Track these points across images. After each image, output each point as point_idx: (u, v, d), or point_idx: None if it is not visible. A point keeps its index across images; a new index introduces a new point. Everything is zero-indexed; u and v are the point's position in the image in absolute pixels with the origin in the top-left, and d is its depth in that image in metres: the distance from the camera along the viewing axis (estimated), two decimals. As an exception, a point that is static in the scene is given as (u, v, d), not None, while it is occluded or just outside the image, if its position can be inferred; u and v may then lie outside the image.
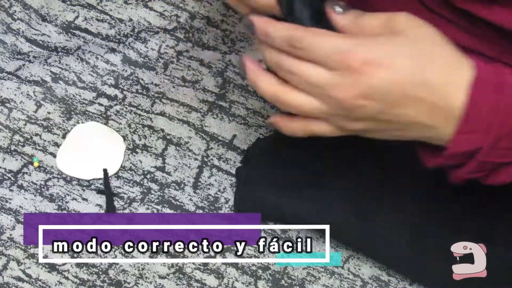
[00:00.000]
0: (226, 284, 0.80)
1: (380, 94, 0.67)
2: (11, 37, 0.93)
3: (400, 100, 0.68)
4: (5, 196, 0.84)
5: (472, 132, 0.68)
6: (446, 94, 0.68)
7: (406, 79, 0.67)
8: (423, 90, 0.68)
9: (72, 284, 0.80)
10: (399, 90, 0.67)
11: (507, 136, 0.68)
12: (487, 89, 0.69)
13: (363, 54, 0.66)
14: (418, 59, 0.68)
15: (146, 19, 0.95)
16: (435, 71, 0.68)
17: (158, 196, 0.84)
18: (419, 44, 0.69)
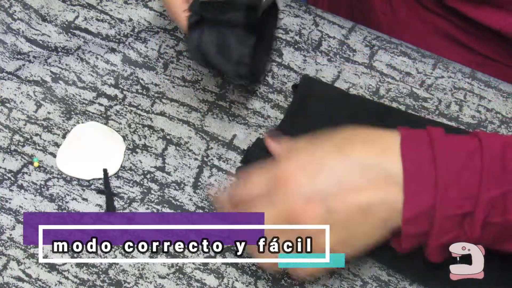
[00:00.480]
0: (226, 284, 0.80)
1: (319, 193, 0.68)
2: (11, 37, 0.93)
3: (339, 189, 0.68)
4: (5, 196, 0.84)
5: (418, 192, 0.67)
6: (379, 165, 0.68)
7: (331, 169, 0.68)
8: (354, 171, 0.68)
9: (72, 284, 0.80)
10: (331, 181, 0.68)
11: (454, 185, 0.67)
12: (418, 145, 0.68)
13: (288, 164, 0.69)
14: (337, 147, 0.69)
15: (146, 19, 0.95)
16: (358, 150, 0.69)
17: (158, 196, 0.84)
18: (339, 136, 0.71)
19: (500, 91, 0.90)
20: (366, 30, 0.94)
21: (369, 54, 0.92)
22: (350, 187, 0.68)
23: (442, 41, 0.99)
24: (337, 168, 0.68)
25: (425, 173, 0.67)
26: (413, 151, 0.68)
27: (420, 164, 0.67)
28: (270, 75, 0.91)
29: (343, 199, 0.68)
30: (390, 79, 0.90)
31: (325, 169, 0.69)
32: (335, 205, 0.68)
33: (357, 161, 0.68)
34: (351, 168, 0.68)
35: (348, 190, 0.68)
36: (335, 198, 0.68)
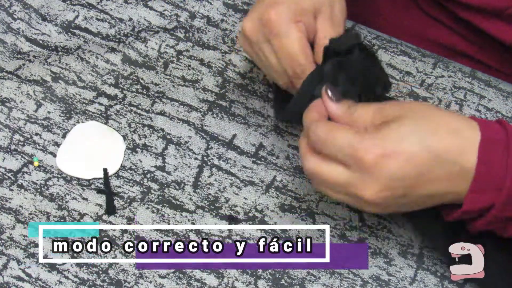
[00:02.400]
0: (226, 284, 0.80)
1: (398, 182, 0.70)
2: (11, 37, 0.93)
3: (417, 180, 0.70)
4: (5, 195, 0.84)
5: (483, 190, 0.70)
6: (456, 160, 0.70)
7: (416, 161, 0.70)
8: (435, 164, 0.70)
9: (72, 283, 0.80)
10: (413, 173, 0.70)
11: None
12: (495, 149, 0.70)
13: (372, 150, 0.69)
14: (421, 137, 0.70)
15: (146, 18, 0.95)
16: (441, 142, 0.71)
17: (158, 196, 0.84)
18: (417, 122, 0.71)
19: (500, 90, 0.90)
20: (366, 29, 0.94)
21: (369, 54, 0.92)
22: (427, 178, 0.71)
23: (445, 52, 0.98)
24: (418, 160, 0.70)
25: (494, 177, 0.70)
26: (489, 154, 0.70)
27: (492, 168, 0.70)
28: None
29: (418, 188, 0.71)
30: (390, 78, 0.90)
31: (410, 163, 0.70)
32: (409, 192, 0.71)
33: (440, 157, 0.70)
34: (433, 162, 0.70)
35: (426, 181, 0.71)
36: (411, 188, 0.71)
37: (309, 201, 0.84)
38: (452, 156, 0.70)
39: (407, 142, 0.70)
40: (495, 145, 0.71)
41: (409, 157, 0.70)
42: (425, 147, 0.70)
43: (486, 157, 0.70)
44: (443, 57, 0.92)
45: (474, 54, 0.98)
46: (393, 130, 0.71)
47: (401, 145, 0.70)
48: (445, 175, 0.71)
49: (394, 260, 0.81)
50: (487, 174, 0.70)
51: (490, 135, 0.71)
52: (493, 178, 0.70)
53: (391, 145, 0.70)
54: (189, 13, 0.95)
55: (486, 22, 0.92)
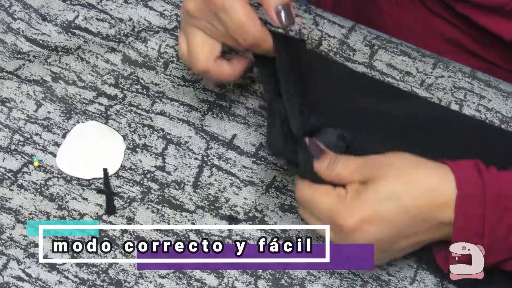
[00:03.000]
0: (226, 283, 0.80)
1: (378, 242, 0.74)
2: (11, 37, 0.93)
3: (397, 238, 0.74)
4: (5, 195, 0.84)
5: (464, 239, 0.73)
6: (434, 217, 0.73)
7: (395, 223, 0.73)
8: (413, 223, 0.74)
9: (72, 283, 0.80)
10: (393, 233, 0.74)
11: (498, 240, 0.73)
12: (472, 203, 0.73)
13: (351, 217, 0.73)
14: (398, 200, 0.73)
15: (146, 18, 0.95)
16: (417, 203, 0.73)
17: (158, 196, 0.84)
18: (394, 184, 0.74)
19: (500, 90, 0.90)
20: (366, 29, 0.94)
21: (369, 54, 0.92)
22: (407, 234, 0.74)
23: (447, 46, 0.98)
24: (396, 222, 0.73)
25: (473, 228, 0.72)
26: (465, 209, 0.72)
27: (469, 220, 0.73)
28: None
29: (398, 243, 0.75)
30: (390, 78, 0.90)
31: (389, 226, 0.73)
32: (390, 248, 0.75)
33: (415, 215, 0.73)
34: (409, 221, 0.73)
35: (405, 237, 0.74)
36: (391, 245, 0.75)
37: (309, 201, 0.84)
38: (429, 214, 0.73)
39: (384, 207, 0.73)
40: (471, 200, 0.72)
41: (388, 220, 0.73)
42: (402, 208, 0.73)
43: (463, 212, 0.72)
44: (443, 56, 0.92)
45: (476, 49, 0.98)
46: (370, 194, 0.73)
47: (379, 210, 0.73)
48: (425, 229, 0.74)
49: (394, 260, 0.81)
50: (466, 227, 0.73)
51: (466, 190, 0.73)
52: (472, 230, 0.73)
53: (369, 210, 0.73)
54: (189, 13, 0.95)
55: (486, 18, 0.92)
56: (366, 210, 0.73)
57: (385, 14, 1.02)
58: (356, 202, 0.73)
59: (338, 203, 0.74)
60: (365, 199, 0.73)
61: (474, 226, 0.72)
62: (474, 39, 0.97)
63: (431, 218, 0.73)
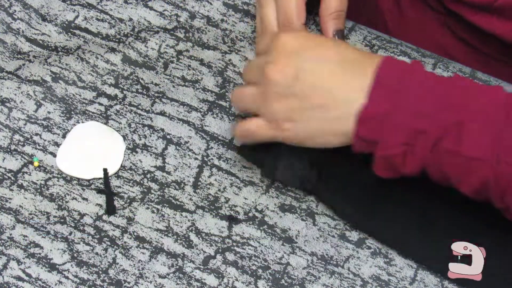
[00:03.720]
0: (226, 283, 0.80)
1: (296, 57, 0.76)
2: (11, 37, 0.93)
3: (314, 54, 0.76)
4: (5, 195, 0.84)
5: (380, 96, 0.72)
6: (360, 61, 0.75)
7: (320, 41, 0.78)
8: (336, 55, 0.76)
9: (72, 284, 0.80)
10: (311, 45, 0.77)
11: (413, 98, 0.72)
12: (397, 64, 0.74)
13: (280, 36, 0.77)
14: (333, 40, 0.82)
15: (146, 18, 0.95)
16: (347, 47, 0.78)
17: (158, 196, 0.84)
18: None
19: (500, 90, 0.90)
20: (366, 29, 0.94)
21: (369, 54, 0.92)
22: (324, 70, 0.75)
23: (449, 40, 0.99)
24: (322, 42, 0.78)
25: (392, 83, 0.73)
26: (392, 63, 0.74)
27: (392, 76, 0.73)
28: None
29: (312, 74, 0.75)
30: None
31: (310, 40, 0.78)
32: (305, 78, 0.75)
33: (345, 56, 0.76)
34: (336, 52, 0.76)
35: (321, 71, 0.76)
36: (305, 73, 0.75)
37: (309, 201, 0.84)
38: (353, 56, 0.76)
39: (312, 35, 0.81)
40: (398, 62, 0.74)
41: (311, 37, 0.79)
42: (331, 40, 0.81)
43: (389, 64, 0.74)
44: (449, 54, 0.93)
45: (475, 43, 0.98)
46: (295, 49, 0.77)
47: (306, 33, 0.80)
48: (343, 75, 0.75)
49: (394, 260, 0.81)
50: (386, 81, 0.72)
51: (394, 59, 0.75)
52: (391, 84, 0.72)
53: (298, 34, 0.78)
54: (189, 13, 0.95)
55: (475, 15, 0.92)
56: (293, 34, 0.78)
57: (386, 11, 1.02)
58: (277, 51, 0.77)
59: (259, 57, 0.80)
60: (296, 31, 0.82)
61: (392, 81, 0.72)
62: (472, 34, 0.97)
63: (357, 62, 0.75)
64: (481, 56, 0.98)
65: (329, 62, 0.75)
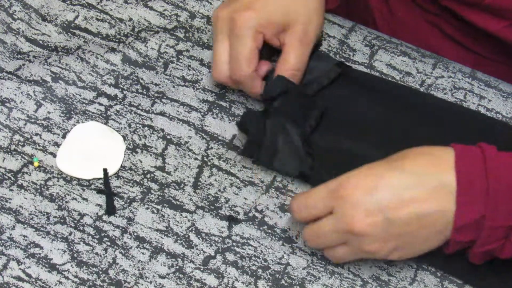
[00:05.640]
0: (226, 284, 0.80)
1: (376, 204, 0.72)
2: (11, 37, 0.93)
3: (396, 202, 0.72)
4: (5, 195, 0.84)
5: (470, 202, 0.71)
6: (433, 174, 0.72)
7: (387, 181, 0.72)
8: (411, 182, 0.72)
9: (72, 284, 0.80)
10: (387, 193, 0.72)
11: (505, 199, 0.71)
12: (472, 159, 0.72)
13: (346, 183, 0.73)
14: (390, 162, 0.74)
15: (146, 18, 0.95)
16: (413, 161, 0.73)
17: (158, 196, 0.84)
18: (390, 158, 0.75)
19: (500, 91, 0.90)
20: (366, 30, 0.94)
21: (369, 54, 0.92)
22: (407, 198, 0.72)
23: (438, 40, 0.99)
24: (393, 181, 0.72)
25: (478, 185, 0.71)
26: (466, 164, 0.72)
27: (473, 177, 0.71)
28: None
29: (401, 210, 0.72)
30: (390, 79, 0.90)
31: (383, 183, 0.72)
32: (394, 216, 0.72)
33: (412, 172, 0.72)
34: (407, 179, 0.72)
35: (406, 201, 0.72)
36: (393, 210, 0.72)
37: (309, 201, 0.84)
38: (428, 171, 0.72)
39: (376, 168, 0.73)
40: (471, 158, 0.72)
41: (380, 178, 0.72)
42: (395, 167, 0.72)
43: (464, 168, 0.71)
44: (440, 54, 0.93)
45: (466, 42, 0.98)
46: (363, 168, 0.74)
47: (370, 171, 0.73)
48: (426, 193, 0.72)
49: (394, 260, 0.81)
50: (469, 183, 0.71)
51: (465, 151, 0.72)
52: (476, 186, 0.71)
53: (360, 175, 0.73)
54: (189, 13, 0.95)
55: (468, 11, 0.92)
56: (357, 176, 0.73)
57: (376, 11, 1.02)
58: (349, 174, 0.74)
59: (332, 180, 0.74)
60: (357, 170, 0.74)
61: (477, 182, 0.71)
62: (463, 32, 0.97)
63: (431, 176, 0.72)
64: (471, 55, 0.98)
65: (403, 188, 0.72)
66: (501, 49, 0.95)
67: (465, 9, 0.92)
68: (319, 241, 0.76)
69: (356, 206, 0.72)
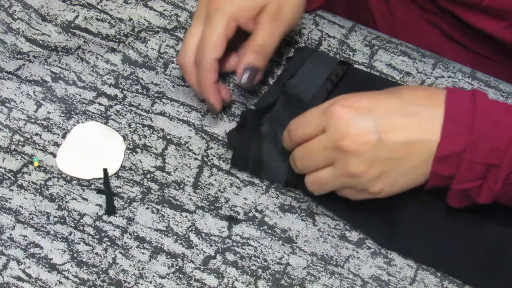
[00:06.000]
0: (226, 284, 0.80)
1: (370, 123, 0.72)
2: (11, 37, 0.93)
3: (389, 125, 0.73)
4: (5, 195, 0.84)
5: (454, 134, 0.72)
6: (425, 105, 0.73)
7: (384, 103, 0.73)
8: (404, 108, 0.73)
9: (72, 284, 0.80)
10: (383, 113, 0.73)
11: (487, 136, 0.72)
12: (462, 96, 0.73)
13: (338, 104, 0.73)
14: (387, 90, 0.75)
15: (146, 18, 0.95)
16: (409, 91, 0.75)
17: (158, 196, 0.84)
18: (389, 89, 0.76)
19: (500, 90, 0.90)
20: (366, 29, 0.94)
21: (369, 54, 0.92)
22: (400, 123, 0.73)
23: (438, 39, 0.99)
24: (390, 105, 0.73)
25: (464, 119, 0.72)
26: (456, 99, 0.73)
27: (461, 111, 0.73)
28: (270, 75, 0.91)
29: (392, 133, 0.73)
30: (390, 79, 0.90)
31: (379, 105, 0.73)
32: (384, 138, 0.73)
33: (408, 101, 0.74)
34: (403, 106, 0.73)
35: (398, 126, 0.73)
36: (385, 133, 0.73)
37: (309, 201, 0.84)
38: (423, 103, 0.73)
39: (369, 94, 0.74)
40: (462, 93, 0.73)
41: (375, 97, 0.74)
42: (393, 93, 0.74)
43: (453, 102, 0.73)
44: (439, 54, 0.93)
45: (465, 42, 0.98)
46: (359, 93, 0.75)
47: (363, 94, 0.74)
48: (418, 122, 0.73)
49: (394, 260, 0.81)
50: (455, 117, 0.72)
51: (456, 89, 0.74)
52: (461, 121, 0.72)
53: (356, 97, 0.74)
54: (189, 13, 0.95)
55: (467, 13, 0.92)
56: (353, 97, 0.74)
57: (376, 11, 1.02)
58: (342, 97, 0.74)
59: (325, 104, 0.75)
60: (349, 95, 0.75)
61: (464, 116, 0.72)
62: (462, 32, 0.97)
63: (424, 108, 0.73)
64: (471, 55, 0.98)
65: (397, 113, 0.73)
66: (500, 49, 0.96)
67: (464, 11, 0.93)
68: (307, 160, 0.76)
69: (350, 124, 0.72)
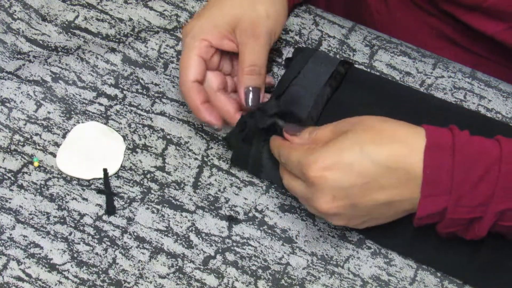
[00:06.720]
0: (226, 284, 0.80)
1: (342, 191, 0.73)
2: (11, 37, 0.93)
3: (364, 189, 0.73)
4: (5, 195, 0.84)
5: (435, 195, 0.72)
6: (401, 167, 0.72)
7: (358, 170, 0.72)
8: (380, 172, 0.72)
9: (72, 284, 0.80)
10: (358, 182, 0.72)
11: (468, 194, 0.72)
12: (441, 153, 0.72)
13: (314, 165, 0.72)
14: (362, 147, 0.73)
15: (146, 18, 0.95)
16: (383, 151, 0.73)
17: (158, 196, 0.84)
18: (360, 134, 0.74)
19: (500, 90, 0.90)
20: (366, 30, 0.94)
21: (369, 54, 0.92)
22: (374, 187, 0.73)
23: (436, 40, 0.99)
24: (360, 170, 0.72)
25: (442, 181, 0.72)
26: (434, 158, 0.72)
27: (439, 171, 0.72)
28: (270, 75, 0.91)
29: (369, 197, 0.73)
30: (390, 78, 0.90)
31: (352, 172, 0.72)
32: (361, 202, 0.73)
33: (382, 164, 0.72)
34: (377, 171, 0.72)
35: (374, 190, 0.73)
36: (361, 197, 0.73)
37: (309, 201, 0.84)
38: (396, 164, 0.72)
39: (347, 153, 0.72)
40: (441, 150, 0.72)
41: (350, 168, 0.72)
42: (366, 156, 0.72)
43: (432, 161, 0.72)
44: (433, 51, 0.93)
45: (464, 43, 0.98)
46: (336, 143, 0.73)
47: (341, 156, 0.72)
48: (394, 183, 0.72)
49: (394, 260, 0.81)
50: (435, 178, 0.72)
51: (436, 140, 0.72)
52: (441, 182, 0.72)
53: (331, 157, 0.72)
54: (189, 13, 0.95)
55: (467, 15, 0.92)
56: (328, 158, 0.72)
57: (375, 12, 1.02)
58: (321, 151, 0.73)
59: (305, 153, 0.74)
60: (331, 148, 0.73)
61: (443, 177, 0.71)
62: (462, 34, 0.97)
63: (399, 168, 0.72)
64: (470, 56, 0.98)
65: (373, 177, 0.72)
66: (500, 51, 0.96)
67: (464, 13, 0.93)
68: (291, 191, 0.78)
69: (324, 191, 0.73)
